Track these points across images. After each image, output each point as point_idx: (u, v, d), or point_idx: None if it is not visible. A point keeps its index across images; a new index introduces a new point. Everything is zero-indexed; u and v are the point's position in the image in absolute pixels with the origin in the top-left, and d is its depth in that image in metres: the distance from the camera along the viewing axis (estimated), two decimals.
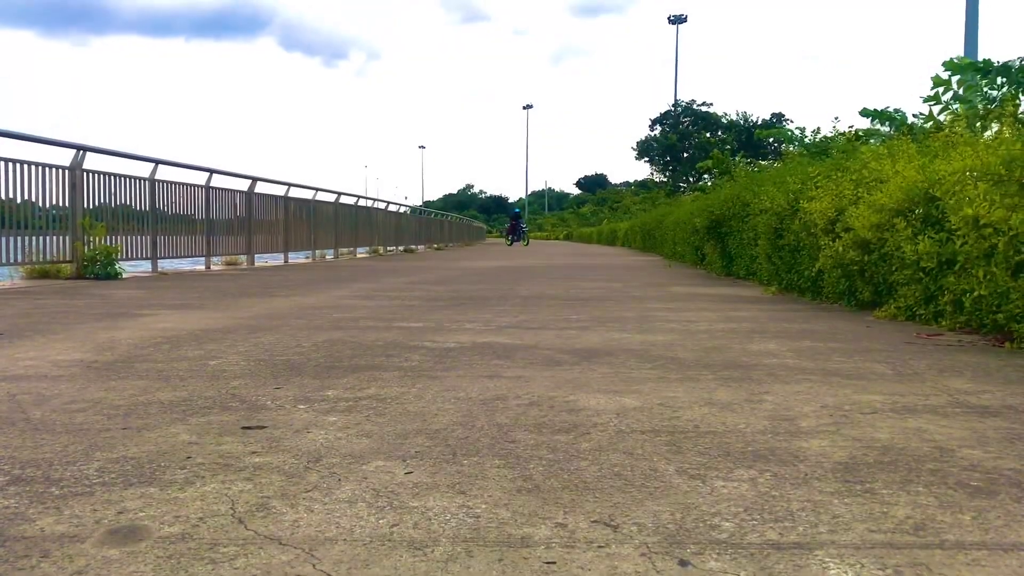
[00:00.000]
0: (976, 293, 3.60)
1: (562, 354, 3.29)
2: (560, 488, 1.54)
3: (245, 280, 8.96)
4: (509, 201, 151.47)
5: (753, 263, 8.37)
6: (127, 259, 9.99)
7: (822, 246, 5.53)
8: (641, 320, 4.59)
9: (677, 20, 64.60)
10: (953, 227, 3.95)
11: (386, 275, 9.94)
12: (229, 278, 9.45)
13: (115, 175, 9.82)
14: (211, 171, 12.07)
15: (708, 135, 54.34)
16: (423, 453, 1.80)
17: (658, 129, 56.04)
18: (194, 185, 11.68)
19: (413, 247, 24.17)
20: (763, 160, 52.67)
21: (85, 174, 9.15)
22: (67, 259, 8.92)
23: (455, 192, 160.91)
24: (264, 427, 2.05)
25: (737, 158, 48.44)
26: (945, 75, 11.21)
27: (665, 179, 55.85)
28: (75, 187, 8.97)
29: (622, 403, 2.34)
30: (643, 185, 68.51)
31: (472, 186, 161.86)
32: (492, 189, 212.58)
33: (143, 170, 10.46)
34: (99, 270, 8.87)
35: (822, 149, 18.08)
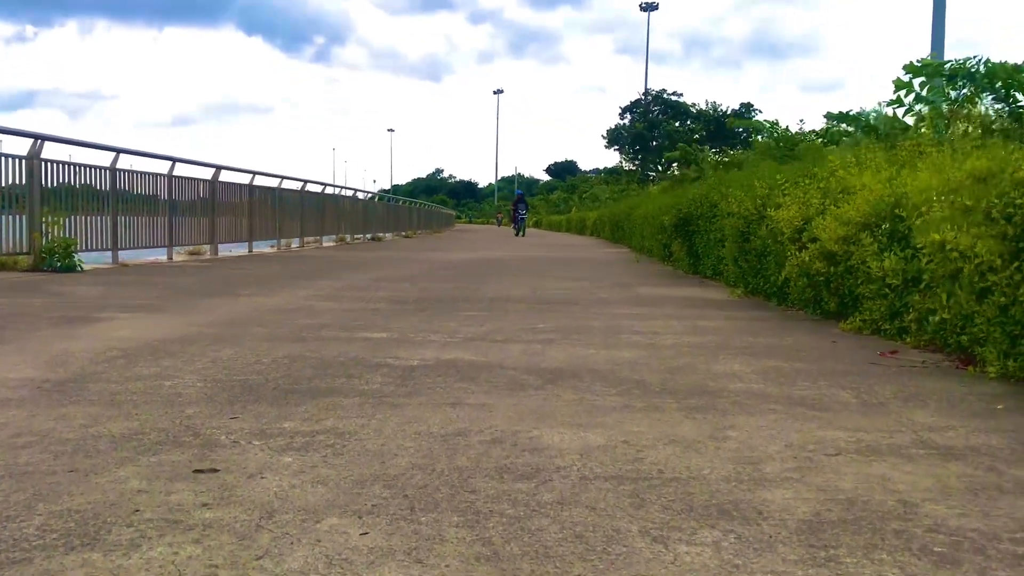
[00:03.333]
0: (940, 316, 3.61)
1: (527, 375, 3.25)
2: (520, 555, 1.50)
3: (207, 274, 8.83)
4: (479, 186, 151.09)
5: (720, 263, 8.38)
6: (87, 250, 9.80)
7: (788, 254, 5.54)
8: (607, 332, 4.56)
9: (648, 7, 64.58)
10: (918, 244, 3.95)
11: (349, 270, 9.85)
12: (191, 271, 9.30)
13: (74, 164, 9.63)
14: (173, 160, 11.88)
15: (677, 124, 54.57)
16: (380, 507, 1.75)
17: (628, 118, 56.19)
18: (156, 174, 11.49)
19: (381, 235, 24.01)
20: (732, 150, 52.96)
21: (43, 163, 8.96)
22: (24, 251, 8.73)
23: (424, 176, 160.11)
24: (216, 470, 1.99)
25: (706, 149, 49.00)
26: (906, 78, 11.30)
27: (634, 167, 55.98)
28: (32, 176, 8.77)
29: (586, 441, 2.30)
30: (613, 172, 68.62)
31: (442, 170, 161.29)
32: (462, 174, 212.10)
33: (104, 159, 10.27)
34: (57, 262, 8.69)
35: (792, 144, 18.18)
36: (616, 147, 57.85)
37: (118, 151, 10.36)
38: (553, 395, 2.89)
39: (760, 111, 56.79)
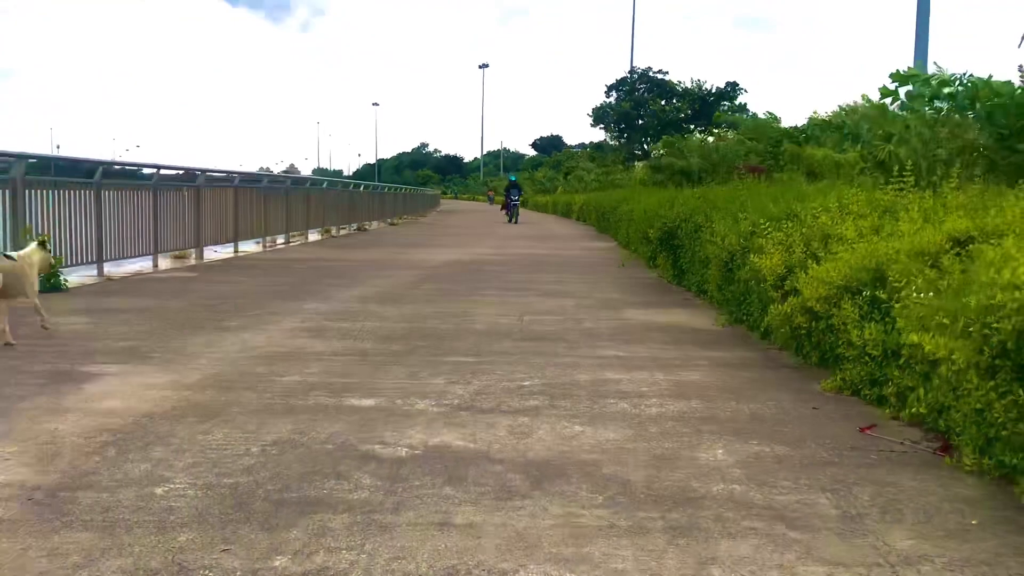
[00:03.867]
0: (916, 409, 3.67)
1: (514, 472, 3.30)
2: None
3: (192, 293, 8.80)
4: (465, 160, 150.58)
5: (704, 282, 8.44)
6: (72, 264, 9.79)
7: (771, 301, 5.59)
8: (593, 395, 4.60)
9: None
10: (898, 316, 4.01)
11: (334, 284, 9.83)
12: (176, 287, 9.27)
13: (59, 180, 9.59)
14: (158, 167, 11.83)
15: (663, 103, 54.44)
16: None
17: (613, 96, 55.98)
18: (141, 184, 11.45)
19: (366, 225, 23.97)
20: (716, 128, 52.86)
21: (27, 182, 8.92)
22: None
23: (409, 151, 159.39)
24: None
25: (690, 135, 48.66)
26: (892, 85, 11.37)
27: (620, 143, 55.90)
28: (16, 196, 8.73)
29: None
30: (598, 147, 68.56)
31: (427, 145, 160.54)
32: (447, 148, 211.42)
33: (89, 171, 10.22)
34: (42, 283, 8.65)
35: (777, 140, 18.20)
36: (602, 126, 57.72)
37: (103, 164, 10.31)
38: (540, 508, 2.94)
39: (745, 90, 56.79)
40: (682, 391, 4.71)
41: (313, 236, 19.37)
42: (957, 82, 10.87)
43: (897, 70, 12.46)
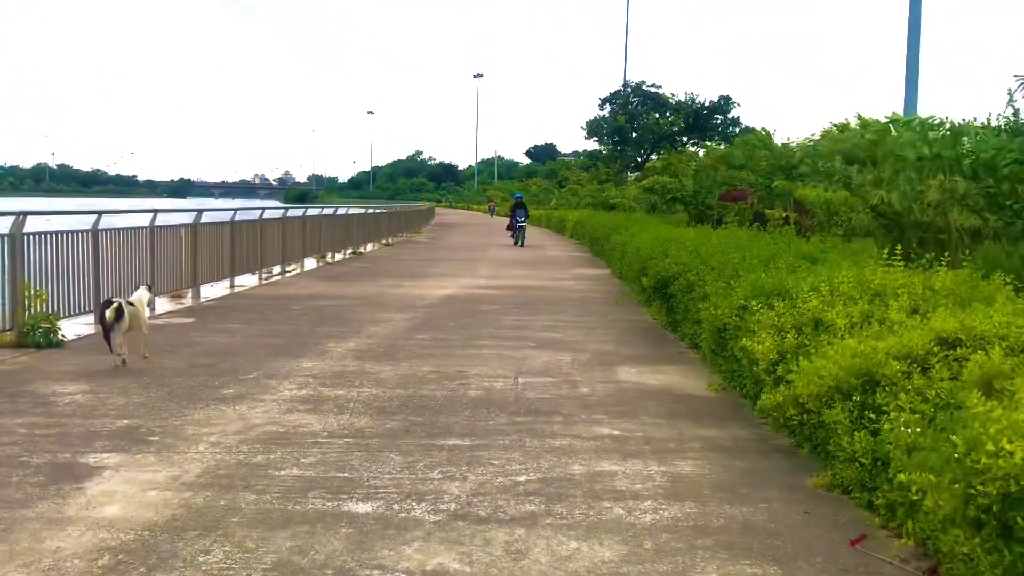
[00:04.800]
0: (905, 541, 3.73)
1: None
2: None
3: (188, 350, 8.82)
4: (459, 168, 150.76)
5: (697, 336, 8.50)
6: (70, 315, 9.83)
7: (764, 380, 5.67)
8: (588, 495, 4.67)
9: None
10: (890, 422, 4.07)
11: (328, 334, 9.88)
12: (173, 339, 9.28)
13: (57, 233, 9.65)
14: (155, 211, 11.90)
15: (657, 116, 54.57)
16: None
17: (607, 109, 56.10)
18: (138, 228, 11.50)
19: (362, 249, 24.02)
20: (709, 142, 53.05)
21: (25, 237, 8.97)
22: (8, 327, 8.75)
23: (404, 159, 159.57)
24: None
25: (685, 143, 48.75)
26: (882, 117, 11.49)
27: (615, 155, 55.98)
28: (15, 253, 8.78)
29: None
30: (592, 156, 68.73)
31: (421, 152, 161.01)
32: (442, 156, 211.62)
33: (86, 221, 10.29)
34: (40, 339, 8.71)
35: (776, 167, 18.25)
36: (595, 138, 57.83)
37: (100, 213, 10.37)
38: None
39: (738, 104, 56.90)
40: (676, 490, 4.77)
41: (309, 263, 19.42)
42: (943, 127, 11.01)
43: (894, 113, 12.65)
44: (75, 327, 9.78)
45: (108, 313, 7.55)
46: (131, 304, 7.85)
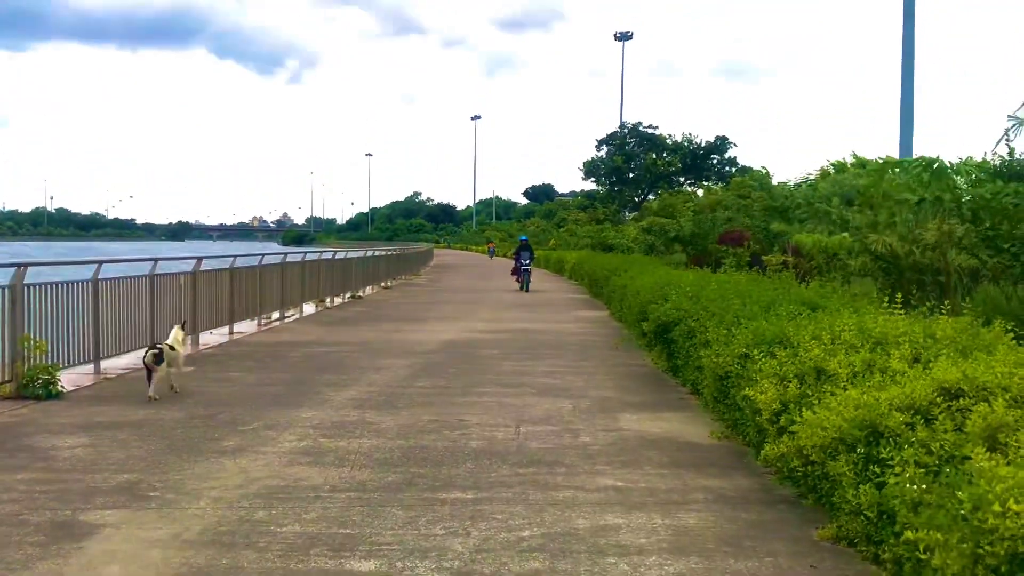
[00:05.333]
0: None
1: None
2: None
3: (188, 400, 8.76)
4: (457, 209, 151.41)
5: (698, 382, 8.48)
6: (70, 365, 9.82)
7: (767, 431, 5.65)
8: (593, 549, 4.64)
9: (623, 37, 65.31)
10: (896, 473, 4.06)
11: (331, 385, 9.84)
12: (167, 392, 9.23)
13: (57, 284, 9.67)
14: (155, 259, 11.94)
15: (654, 156, 55.02)
16: None
17: (604, 150, 56.62)
18: (137, 277, 11.53)
19: (360, 293, 24.04)
20: (706, 182, 53.36)
21: (25, 288, 8.98)
22: (6, 379, 8.73)
23: (402, 200, 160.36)
24: None
25: (682, 182, 49.22)
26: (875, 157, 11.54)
27: (613, 195, 56.29)
28: (15, 305, 8.79)
29: None
30: (590, 196, 69.12)
31: (420, 193, 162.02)
32: (440, 196, 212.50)
33: (86, 272, 10.32)
34: (39, 390, 8.69)
35: (778, 207, 18.32)
36: (593, 179, 58.26)
37: (100, 262, 10.40)
38: None
39: (734, 144, 57.50)
40: (681, 544, 4.74)
41: (308, 308, 19.42)
42: (937, 166, 11.07)
43: (888, 156, 12.73)
44: (75, 377, 9.75)
45: (148, 357, 8.80)
46: (172, 348, 9.05)
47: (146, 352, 9.03)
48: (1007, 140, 16.61)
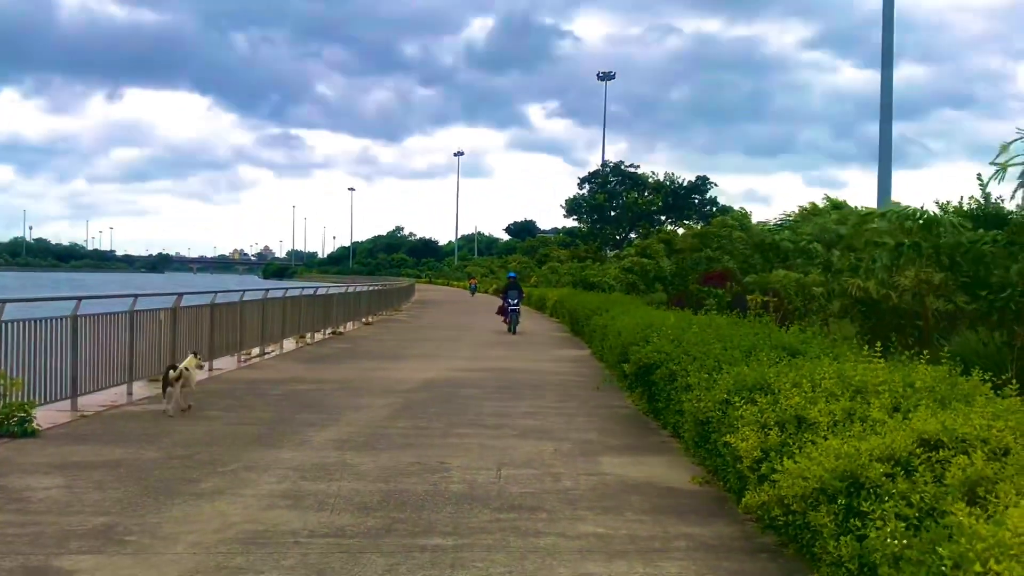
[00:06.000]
0: None
1: None
2: None
3: (166, 440, 8.67)
4: (439, 244, 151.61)
5: (680, 426, 8.48)
6: (47, 402, 9.71)
7: (748, 478, 5.66)
8: None
9: (606, 77, 66.01)
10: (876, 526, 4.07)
11: (311, 425, 9.77)
12: (151, 428, 9.11)
13: (36, 320, 9.60)
14: (135, 295, 11.88)
15: (636, 195, 55.44)
16: None
17: (587, 188, 56.98)
18: (117, 313, 11.45)
19: (341, 329, 23.97)
20: (687, 220, 53.71)
21: (3, 325, 8.91)
22: None
23: (384, 235, 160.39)
24: None
25: (663, 221, 49.60)
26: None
27: (594, 233, 56.57)
28: None
29: None
30: (571, 233, 69.44)
31: (402, 228, 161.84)
32: (422, 231, 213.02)
33: (66, 308, 10.26)
34: (15, 428, 8.58)
35: (761, 245, 18.44)
36: (575, 216, 58.56)
37: (79, 298, 10.34)
38: None
39: (715, 184, 58.01)
40: None
41: (288, 344, 19.31)
42: (918, 216, 11.21)
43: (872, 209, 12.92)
44: (51, 414, 9.63)
45: (172, 374, 10.05)
46: (187, 369, 10.27)
47: (166, 370, 10.27)
48: (981, 188, 16.87)
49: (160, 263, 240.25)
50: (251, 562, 5.11)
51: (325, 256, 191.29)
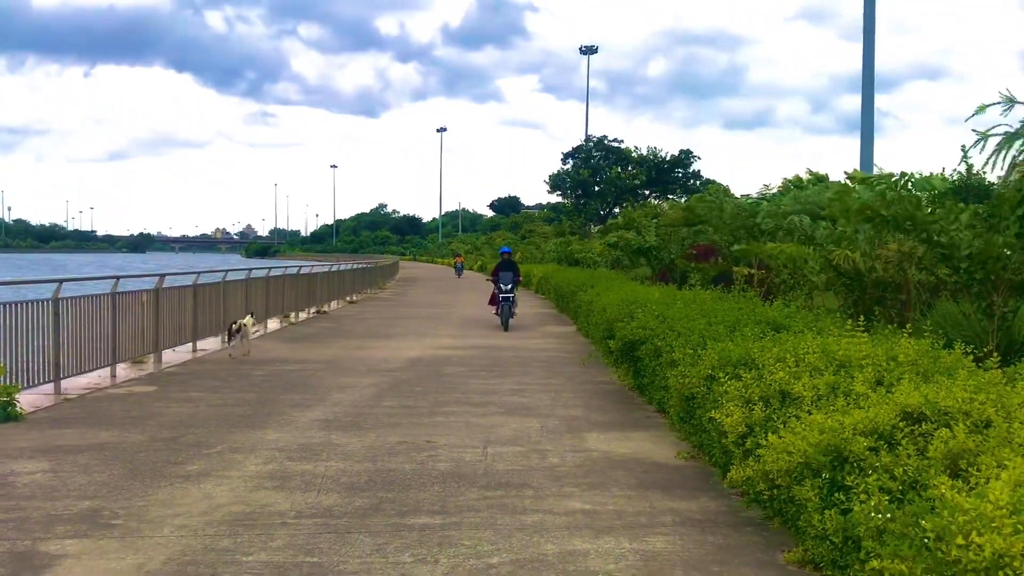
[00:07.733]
0: None
1: None
2: None
3: (151, 422, 8.65)
4: (423, 221, 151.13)
5: (665, 401, 8.53)
6: (31, 386, 9.65)
7: (734, 453, 5.70)
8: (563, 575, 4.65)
9: (588, 51, 65.66)
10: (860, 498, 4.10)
11: (296, 406, 9.78)
12: (135, 410, 9.08)
13: (16, 303, 9.52)
14: (117, 277, 11.79)
15: (619, 170, 55.36)
16: None
17: (570, 163, 56.86)
18: (99, 295, 11.38)
19: (325, 308, 23.91)
20: (671, 195, 53.73)
21: None
22: None
23: (368, 212, 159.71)
24: None
25: (647, 195, 49.57)
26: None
27: (579, 208, 56.53)
28: None
29: None
30: (556, 209, 69.37)
31: (385, 205, 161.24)
32: (405, 208, 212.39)
33: (47, 290, 10.19)
34: None
35: (743, 223, 18.50)
36: (558, 192, 58.47)
37: (61, 281, 10.26)
38: None
39: (699, 157, 58.00)
40: (650, 570, 4.75)
41: (272, 324, 19.25)
42: (898, 184, 11.23)
43: (855, 169, 13.00)
44: (34, 398, 9.59)
45: (235, 325, 13.67)
46: (245, 325, 13.62)
47: (230, 325, 13.75)
48: (965, 158, 16.93)
49: (142, 243, 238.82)
50: (238, 544, 5.11)
51: (308, 234, 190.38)
